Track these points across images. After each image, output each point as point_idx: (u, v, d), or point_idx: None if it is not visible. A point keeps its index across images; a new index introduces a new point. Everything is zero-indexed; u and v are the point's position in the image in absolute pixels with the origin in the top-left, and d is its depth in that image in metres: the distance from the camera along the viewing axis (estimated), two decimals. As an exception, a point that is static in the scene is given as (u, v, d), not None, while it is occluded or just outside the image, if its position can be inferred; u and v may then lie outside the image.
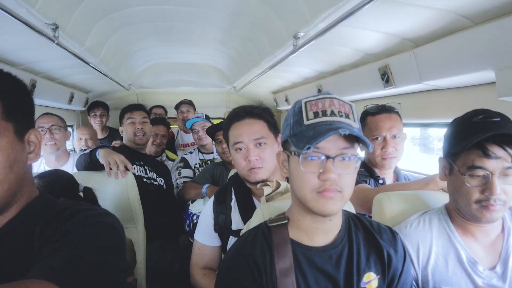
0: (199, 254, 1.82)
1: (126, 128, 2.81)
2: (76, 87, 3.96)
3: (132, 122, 2.77)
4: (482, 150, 1.16)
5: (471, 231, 1.30)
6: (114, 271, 0.91)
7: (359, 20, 1.76)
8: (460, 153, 1.23)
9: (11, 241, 0.94)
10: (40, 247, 0.92)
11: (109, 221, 0.99)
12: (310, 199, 1.00)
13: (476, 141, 1.15)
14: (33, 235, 0.94)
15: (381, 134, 1.92)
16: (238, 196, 1.79)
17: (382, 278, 1.11)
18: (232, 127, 1.68)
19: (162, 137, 3.56)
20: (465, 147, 1.18)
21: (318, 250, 1.09)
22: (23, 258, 0.92)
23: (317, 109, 1.01)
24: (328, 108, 1.00)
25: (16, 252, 0.93)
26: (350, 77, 2.75)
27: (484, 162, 1.17)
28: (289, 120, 1.06)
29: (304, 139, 0.97)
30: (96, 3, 2.04)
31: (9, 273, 0.88)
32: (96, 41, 2.47)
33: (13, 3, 1.45)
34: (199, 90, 5.14)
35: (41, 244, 0.92)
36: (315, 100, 1.03)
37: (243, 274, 1.05)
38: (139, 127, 2.75)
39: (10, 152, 0.90)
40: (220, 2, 2.35)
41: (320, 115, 1.00)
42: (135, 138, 2.75)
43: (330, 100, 1.02)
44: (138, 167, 2.71)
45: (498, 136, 1.15)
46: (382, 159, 1.95)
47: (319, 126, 0.98)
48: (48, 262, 0.81)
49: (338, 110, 1.00)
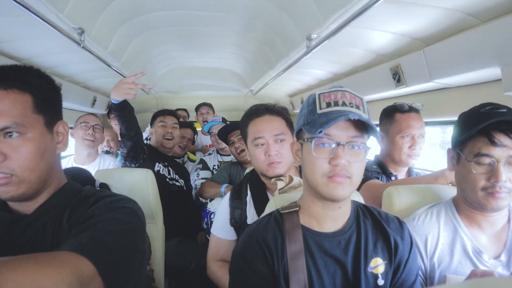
0: (215, 248, 1.88)
1: (156, 129, 2.95)
2: (98, 91, 4.08)
3: (163, 126, 2.91)
4: (488, 137, 1.20)
5: (477, 221, 1.33)
6: (134, 250, 1.00)
7: (370, 21, 1.82)
8: (467, 141, 1.27)
9: (43, 222, 1.04)
10: (69, 228, 1.02)
11: (131, 206, 1.08)
12: (321, 184, 1.05)
13: (482, 126, 1.19)
14: (63, 217, 1.05)
15: (411, 133, 1.97)
16: (253, 191, 1.85)
17: (389, 263, 1.15)
18: (251, 123, 1.74)
19: (188, 140, 3.70)
20: (472, 133, 1.22)
21: (328, 235, 1.14)
22: (53, 237, 1.03)
23: (330, 100, 1.07)
24: (340, 99, 1.07)
25: (47, 231, 1.03)
26: (364, 78, 2.79)
27: (490, 150, 1.21)
28: (304, 111, 1.13)
29: (317, 125, 1.02)
30: (119, 8, 2.14)
31: (41, 249, 0.99)
32: (118, 45, 2.57)
33: (44, 9, 1.56)
34: (217, 94, 5.20)
35: (70, 225, 1.03)
36: (328, 92, 1.09)
37: (255, 256, 1.12)
38: (169, 131, 2.90)
39: (41, 142, 1.00)
40: (237, 7, 2.41)
41: (332, 105, 1.06)
42: (163, 141, 2.88)
43: (342, 92, 1.08)
44: (162, 167, 2.83)
45: (504, 124, 1.19)
46: (408, 156, 2.00)
47: (331, 114, 1.04)
48: (77, 238, 0.90)
49: (349, 101, 1.06)
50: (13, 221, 1.04)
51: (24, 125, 0.96)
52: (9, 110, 0.95)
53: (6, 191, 0.96)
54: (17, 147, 0.95)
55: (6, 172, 0.95)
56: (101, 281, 0.85)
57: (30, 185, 0.99)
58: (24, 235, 1.02)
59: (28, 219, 1.04)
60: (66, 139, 1.12)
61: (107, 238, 0.93)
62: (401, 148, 1.99)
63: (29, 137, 0.98)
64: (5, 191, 0.96)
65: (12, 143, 0.95)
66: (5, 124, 0.94)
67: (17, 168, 0.95)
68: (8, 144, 0.95)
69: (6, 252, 0.94)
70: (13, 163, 0.95)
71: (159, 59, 3.93)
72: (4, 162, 0.94)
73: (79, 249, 0.85)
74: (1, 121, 0.93)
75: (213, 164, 3.46)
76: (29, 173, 0.98)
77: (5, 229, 1.02)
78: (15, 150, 0.95)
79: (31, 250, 0.97)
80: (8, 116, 0.94)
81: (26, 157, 0.96)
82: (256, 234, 1.16)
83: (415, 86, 2.23)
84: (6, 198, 0.99)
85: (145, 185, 2.11)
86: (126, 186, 2.05)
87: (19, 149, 0.96)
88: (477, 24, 1.61)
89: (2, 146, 0.94)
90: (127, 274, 0.96)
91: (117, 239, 0.95)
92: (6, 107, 0.95)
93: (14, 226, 1.03)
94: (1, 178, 0.95)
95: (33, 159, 0.98)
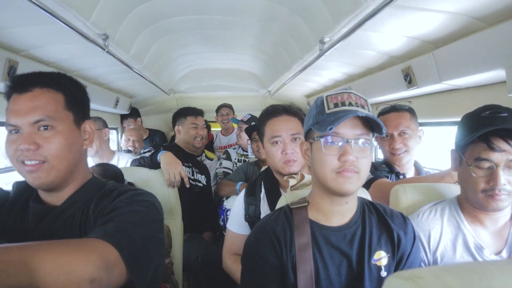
0: (230, 242, 1.97)
1: (187, 130, 3.02)
2: (121, 92, 4.19)
3: (195, 127, 3.00)
4: (487, 143, 1.25)
5: (479, 219, 1.38)
6: (153, 239, 1.11)
7: (380, 25, 1.87)
8: (467, 145, 1.32)
9: (71, 212, 1.16)
10: (94, 218, 1.14)
11: (150, 199, 1.20)
12: (330, 179, 1.12)
13: (480, 134, 1.24)
14: (89, 209, 1.16)
15: (388, 132, 2.04)
16: (267, 188, 1.93)
17: (392, 256, 1.21)
18: (269, 122, 1.82)
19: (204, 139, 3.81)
20: (470, 140, 1.27)
21: (334, 229, 1.21)
22: (80, 227, 1.14)
23: (337, 101, 1.14)
24: (346, 100, 1.14)
25: (75, 221, 1.15)
26: (377, 79, 2.83)
27: (489, 155, 1.25)
28: (312, 112, 1.20)
29: (327, 123, 1.09)
30: (141, 14, 2.24)
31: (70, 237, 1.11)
32: (140, 49, 2.67)
33: (72, 17, 1.67)
34: (235, 95, 5.25)
35: (95, 216, 1.14)
36: (335, 94, 1.17)
37: (266, 246, 1.19)
38: (200, 133, 2.99)
39: (69, 135, 1.14)
40: (254, 11, 2.47)
41: (339, 105, 1.13)
42: (194, 142, 2.97)
43: (348, 94, 1.16)
44: (186, 168, 2.88)
45: (502, 130, 1.23)
46: (391, 154, 2.07)
47: (339, 113, 1.11)
48: (102, 227, 1.01)
49: (355, 102, 1.14)
50: (44, 211, 1.16)
51: (55, 119, 1.10)
52: (44, 105, 1.09)
53: (38, 177, 1.09)
54: (48, 138, 1.09)
55: (39, 159, 1.07)
56: (124, 266, 0.96)
57: (58, 173, 1.11)
58: (55, 224, 1.14)
59: (58, 210, 1.16)
60: (92, 136, 1.25)
61: (130, 228, 1.04)
62: (384, 147, 2.10)
63: (59, 130, 1.11)
64: (36, 178, 1.09)
65: (44, 135, 1.08)
66: (40, 117, 1.08)
67: (48, 155, 1.08)
68: (41, 136, 1.08)
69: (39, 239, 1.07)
70: (45, 151, 1.08)
71: (179, 61, 4.02)
72: (37, 150, 1.07)
73: (105, 236, 0.96)
74: (37, 114, 1.07)
75: (234, 157, 3.65)
76: (59, 161, 1.10)
77: (38, 218, 1.14)
78: (47, 140, 1.08)
79: (61, 238, 1.09)
80: (43, 110, 1.08)
81: (56, 147, 1.09)
82: (267, 226, 1.24)
83: (426, 87, 2.26)
84: (37, 185, 1.11)
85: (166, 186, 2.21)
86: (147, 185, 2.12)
87: (50, 139, 1.09)
88: (483, 28, 1.65)
89: (36, 137, 1.07)
90: (147, 261, 1.06)
91: (138, 229, 1.06)
92: (42, 103, 1.09)
93: (46, 216, 1.15)
94: (34, 165, 1.07)
95: (62, 149, 1.11)
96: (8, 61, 2.02)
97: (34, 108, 1.08)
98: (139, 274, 1.01)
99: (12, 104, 1.10)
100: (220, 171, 3.48)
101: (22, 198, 1.20)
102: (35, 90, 1.10)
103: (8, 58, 2.02)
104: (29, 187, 1.21)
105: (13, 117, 1.08)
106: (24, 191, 1.22)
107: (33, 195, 1.20)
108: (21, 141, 1.06)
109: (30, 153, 1.06)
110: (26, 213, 1.17)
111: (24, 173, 1.10)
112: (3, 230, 1.12)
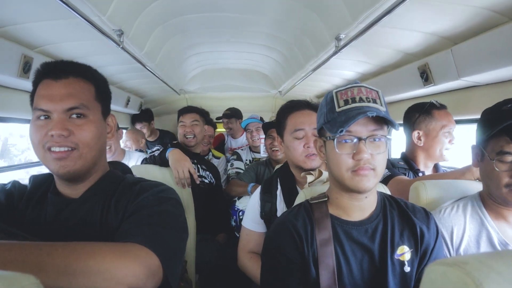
0: (246, 239, 1.95)
1: (178, 130, 3.02)
2: (132, 91, 4.21)
3: (182, 125, 2.97)
4: (510, 136, 1.22)
5: (503, 215, 1.35)
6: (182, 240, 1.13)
7: (398, 20, 1.84)
8: (489, 139, 1.29)
9: (90, 204, 1.15)
10: (116, 212, 1.13)
11: (174, 196, 1.20)
12: (346, 178, 1.11)
13: (502, 126, 1.21)
14: (110, 200, 1.16)
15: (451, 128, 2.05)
16: (283, 185, 1.91)
17: (415, 251, 1.19)
18: (291, 116, 1.82)
19: (210, 137, 3.81)
20: (492, 133, 1.25)
21: (355, 224, 1.19)
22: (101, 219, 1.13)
23: (347, 97, 1.12)
24: (356, 95, 1.11)
25: (95, 214, 1.14)
26: (391, 77, 2.80)
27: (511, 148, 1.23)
28: (323, 109, 1.18)
29: (337, 124, 1.08)
30: (156, 11, 2.24)
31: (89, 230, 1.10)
32: (153, 46, 2.68)
33: (88, 11, 1.67)
34: (245, 95, 5.26)
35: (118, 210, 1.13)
36: (345, 89, 1.14)
37: (286, 242, 1.18)
38: (188, 130, 2.93)
39: (98, 125, 1.15)
40: (268, 9, 2.46)
41: (350, 102, 1.10)
42: (184, 140, 2.93)
43: (358, 88, 1.13)
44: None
45: None
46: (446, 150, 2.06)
47: (350, 112, 1.08)
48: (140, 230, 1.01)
49: (366, 96, 1.11)
50: (64, 203, 1.15)
51: (88, 108, 1.12)
52: (78, 93, 1.10)
53: (65, 165, 1.08)
54: (81, 125, 1.09)
55: (70, 146, 1.07)
56: (163, 273, 0.96)
57: (85, 162, 1.11)
58: (74, 217, 1.12)
59: (78, 202, 1.15)
60: (114, 130, 1.26)
61: (165, 233, 1.04)
62: (443, 143, 2.04)
63: (91, 119, 1.12)
64: (63, 165, 1.08)
65: (77, 122, 1.09)
66: (74, 104, 1.09)
67: (79, 143, 1.08)
68: (74, 123, 1.08)
69: (58, 232, 1.07)
70: (76, 138, 1.08)
71: (191, 61, 4.03)
72: (69, 137, 1.07)
73: (145, 242, 0.95)
74: (72, 101, 1.08)
75: (246, 158, 3.63)
76: (88, 150, 1.11)
77: (57, 210, 1.13)
78: (79, 127, 1.09)
79: (80, 231, 1.09)
80: (78, 98, 1.09)
81: (88, 135, 1.10)
82: (287, 221, 1.22)
83: (443, 84, 2.23)
84: (62, 173, 1.10)
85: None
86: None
87: (82, 127, 1.09)
88: (505, 22, 1.62)
89: (69, 124, 1.08)
90: (179, 263, 1.08)
91: (172, 232, 1.07)
92: (76, 91, 1.10)
93: (64, 208, 1.14)
94: (64, 152, 1.07)
95: (93, 138, 1.12)
96: (23, 57, 2.03)
97: (69, 95, 1.08)
98: (175, 278, 1.03)
99: (44, 90, 1.10)
100: (232, 171, 3.48)
101: (40, 192, 1.19)
102: (70, 78, 1.11)
103: (23, 54, 2.03)
104: (46, 181, 1.22)
105: (45, 102, 1.08)
106: (41, 184, 1.21)
107: (51, 187, 1.20)
108: (52, 126, 1.06)
109: (61, 139, 1.06)
110: (44, 206, 1.16)
111: (49, 161, 1.08)
112: (22, 224, 1.11)
